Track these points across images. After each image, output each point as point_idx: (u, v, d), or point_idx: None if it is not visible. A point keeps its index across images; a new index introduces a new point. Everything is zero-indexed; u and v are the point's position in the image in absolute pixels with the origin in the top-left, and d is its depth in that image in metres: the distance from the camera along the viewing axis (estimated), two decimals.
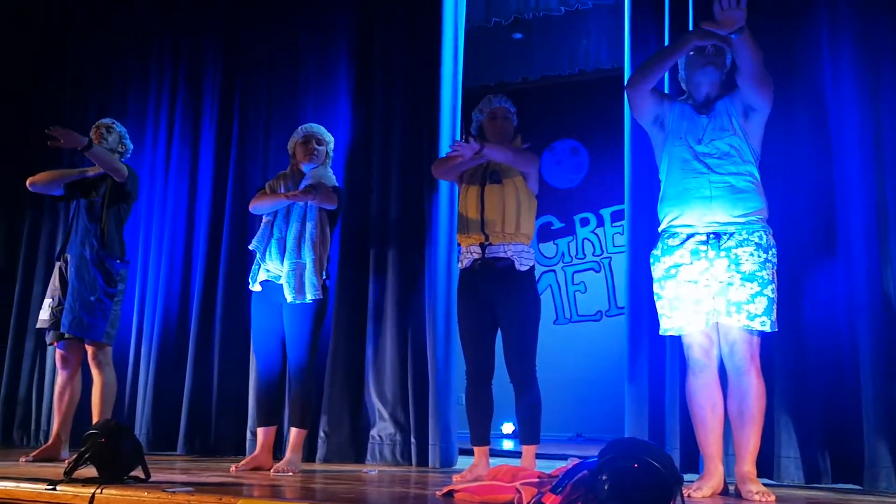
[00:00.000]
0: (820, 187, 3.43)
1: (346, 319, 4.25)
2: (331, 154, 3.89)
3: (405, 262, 4.18)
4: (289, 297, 3.56)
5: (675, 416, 3.49)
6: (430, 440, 3.97)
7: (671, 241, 2.87)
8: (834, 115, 3.44)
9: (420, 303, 4.11)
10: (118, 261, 3.98)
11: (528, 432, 3.30)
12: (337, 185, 3.81)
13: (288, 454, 3.55)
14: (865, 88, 3.38)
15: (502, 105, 3.51)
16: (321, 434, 4.15)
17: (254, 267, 3.71)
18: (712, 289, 2.77)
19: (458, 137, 4.19)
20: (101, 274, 3.91)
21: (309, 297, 3.57)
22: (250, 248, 3.72)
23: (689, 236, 2.83)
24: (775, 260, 2.82)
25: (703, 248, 2.80)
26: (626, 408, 3.72)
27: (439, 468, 3.89)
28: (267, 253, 3.65)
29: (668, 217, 2.90)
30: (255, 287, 3.69)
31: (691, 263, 2.80)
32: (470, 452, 3.42)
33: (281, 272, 3.62)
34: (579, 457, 2.70)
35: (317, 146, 3.78)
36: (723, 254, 2.78)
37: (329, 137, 3.88)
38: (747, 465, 2.74)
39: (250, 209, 3.79)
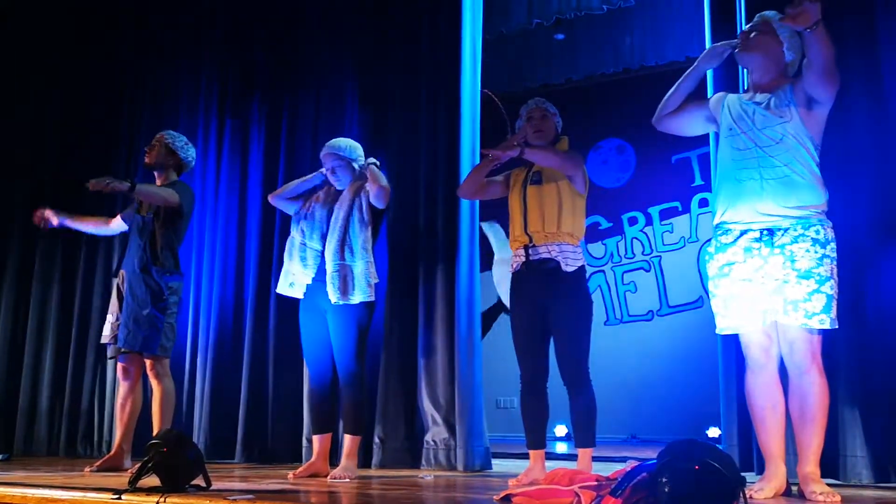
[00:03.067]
0: (881, 177, 3.33)
1: (398, 327, 4.27)
2: (357, 166, 3.82)
3: (450, 270, 4.19)
4: (333, 298, 3.58)
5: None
6: (459, 443, 3.98)
7: (724, 239, 2.81)
8: (892, 103, 3.35)
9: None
10: (168, 274, 4.03)
11: (583, 436, 3.27)
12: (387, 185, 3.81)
13: (343, 461, 3.58)
14: None
15: (538, 105, 3.51)
16: (376, 440, 4.18)
17: (282, 277, 3.76)
18: (768, 287, 2.71)
19: (478, 145, 4.24)
20: (152, 288, 3.96)
21: (358, 298, 3.60)
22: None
23: (743, 233, 2.76)
24: (834, 255, 2.73)
25: (757, 245, 2.74)
26: (722, 406, 3.63)
27: (474, 471, 3.90)
28: (294, 258, 3.70)
29: (720, 211, 2.84)
30: (297, 294, 3.72)
31: (745, 262, 2.74)
32: (508, 455, 3.40)
33: (304, 274, 3.66)
34: (636, 459, 2.67)
35: (333, 173, 3.77)
36: (777, 251, 2.71)
37: (353, 154, 3.82)
38: (810, 465, 2.67)
39: (271, 198, 3.92)
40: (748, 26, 2.94)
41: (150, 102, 5.29)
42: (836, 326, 2.73)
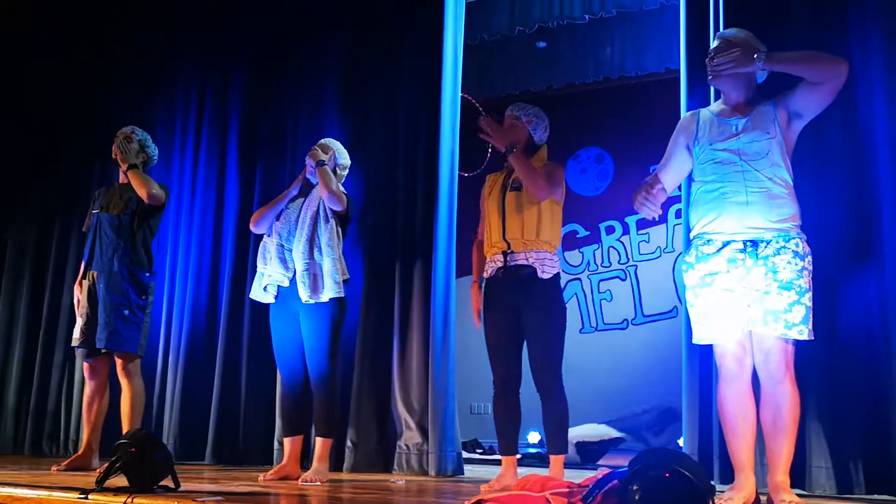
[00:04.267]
0: (853, 192, 3.38)
1: (372, 330, 4.27)
2: (341, 171, 3.88)
3: (426, 275, 4.18)
4: (304, 297, 3.57)
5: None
6: (432, 448, 3.98)
7: (706, 249, 2.80)
8: (865, 117, 3.40)
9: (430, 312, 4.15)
10: (147, 273, 4.02)
11: (555, 442, 3.28)
12: (346, 192, 3.83)
13: (315, 464, 3.55)
14: None
15: (510, 113, 3.52)
16: (348, 443, 4.16)
17: (255, 281, 3.72)
18: (748, 297, 2.73)
19: (457, 152, 4.25)
20: (133, 287, 3.94)
21: (328, 295, 3.58)
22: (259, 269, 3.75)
23: (726, 244, 2.77)
24: (811, 267, 2.76)
25: (741, 256, 2.75)
26: (684, 416, 3.64)
27: (446, 476, 3.90)
28: (268, 259, 3.68)
29: (702, 222, 2.84)
30: (269, 299, 3.70)
31: (728, 272, 2.74)
32: (478, 462, 3.40)
33: (284, 276, 3.64)
34: (609, 466, 2.68)
35: (309, 158, 3.79)
36: (760, 262, 2.73)
37: (339, 159, 3.87)
38: (780, 475, 2.69)
39: (252, 226, 3.82)
40: (711, 50, 2.93)
41: (126, 102, 5.24)
42: (813, 338, 2.76)
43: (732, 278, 2.73)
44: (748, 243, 2.75)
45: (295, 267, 3.64)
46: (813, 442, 3.27)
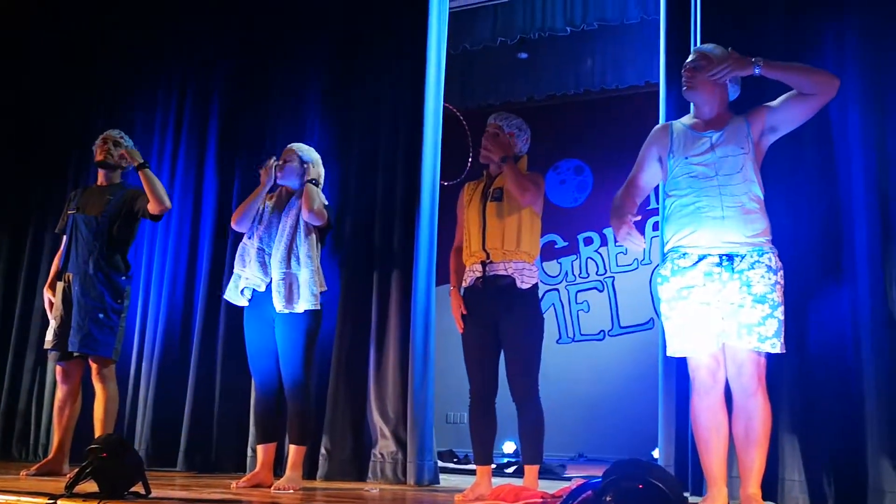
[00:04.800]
0: (826, 205, 3.41)
1: (348, 338, 4.25)
2: (317, 178, 3.85)
3: (406, 283, 4.17)
4: (278, 307, 3.55)
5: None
6: (409, 457, 3.96)
7: (682, 262, 2.81)
8: (838, 134, 3.44)
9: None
10: (123, 277, 3.98)
11: (530, 452, 3.28)
12: (328, 203, 3.83)
13: (288, 471, 3.53)
14: (870, 107, 3.38)
15: (492, 121, 3.52)
16: (322, 451, 4.13)
17: (231, 282, 3.71)
18: (722, 311, 2.75)
19: (438, 160, 4.27)
20: (108, 290, 3.90)
21: (303, 307, 3.57)
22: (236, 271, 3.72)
23: (702, 257, 2.79)
24: (783, 281, 2.80)
25: (718, 270, 2.77)
26: (660, 427, 3.65)
27: (423, 486, 3.89)
28: (247, 261, 3.65)
29: (678, 236, 2.86)
30: (243, 301, 3.68)
31: (704, 285, 2.76)
32: (453, 471, 3.39)
33: (262, 281, 3.61)
34: (582, 477, 2.69)
35: (280, 165, 3.79)
36: (735, 276, 2.76)
37: (310, 157, 3.86)
38: (753, 487, 2.72)
39: (234, 224, 3.80)
40: (688, 62, 2.97)
41: (103, 104, 5.19)
42: (784, 351, 2.79)
43: (709, 292, 2.76)
44: (724, 257, 2.77)
45: (272, 274, 3.62)
46: (786, 454, 3.29)
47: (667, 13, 3.89)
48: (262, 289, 3.63)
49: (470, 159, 6.31)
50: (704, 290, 2.76)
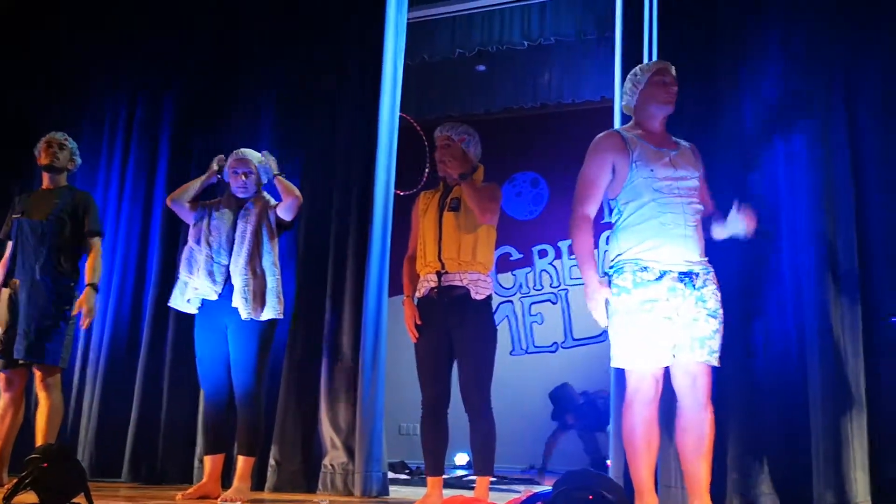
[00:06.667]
0: (774, 222, 3.50)
1: (300, 347, 4.21)
2: (266, 179, 3.84)
3: (359, 292, 4.15)
4: (244, 314, 3.51)
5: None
6: (358, 468, 3.94)
7: (644, 276, 2.79)
8: (783, 146, 3.53)
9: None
10: (72, 283, 3.89)
11: (482, 463, 3.28)
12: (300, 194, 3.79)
13: (236, 482, 3.48)
14: (818, 123, 3.48)
15: (442, 133, 3.50)
16: (272, 462, 4.08)
17: (177, 290, 3.63)
18: (678, 325, 2.78)
19: (393, 170, 4.26)
20: (55, 296, 3.81)
21: (268, 314, 3.54)
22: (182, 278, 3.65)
23: (664, 273, 2.79)
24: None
25: (681, 285, 2.79)
26: (611, 438, 3.67)
27: (372, 497, 3.87)
28: (195, 270, 3.58)
29: (640, 248, 2.82)
30: (191, 309, 3.61)
31: (668, 300, 2.77)
32: (403, 483, 3.37)
33: (212, 290, 3.55)
34: (534, 488, 2.69)
35: (245, 178, 3.74)
36: (695, 292, 2.81)
37: (266, 167, 3.81)
38: (705, 496, 2.76)
39: (169, 201, 3.78)
40: (673, 78, 2.99)
41: (51, 108, 5.06)
42: (720, 365, 2.85)
43: (671, 307, 2.77)
44: (683, 274, 2.81)
45: (232, 282, 3.56)
46: (736, 468, 3.35)
47: (622, 30, 3.95)
48: (214, 297, 3.58)
49: (427, 169, 6.31)
50: (668, 304, 2.77)
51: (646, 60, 3.79)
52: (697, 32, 3.77)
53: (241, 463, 3.52)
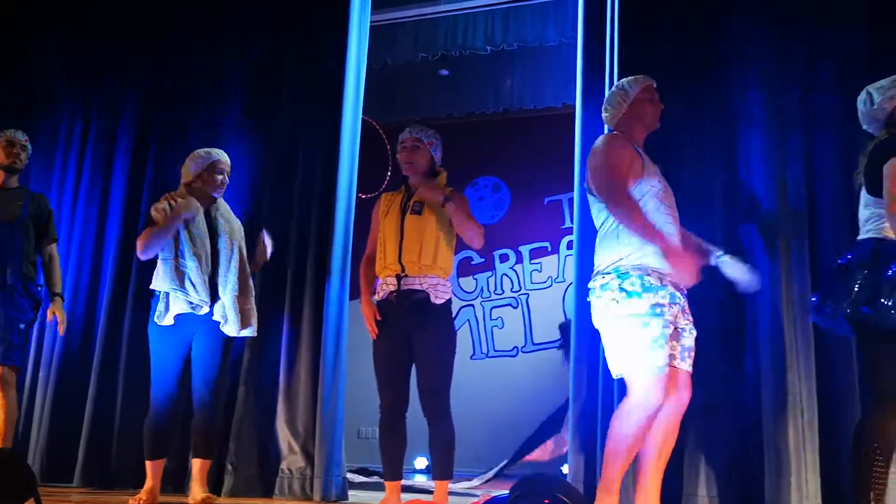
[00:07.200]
0: (733, 234, 3.57)
1: (259, 350, 4.16)
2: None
3: (319, 295, 4.13)
4: (233, 330, 3.49)
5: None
6: (317, 472, 3.92)
7: (652, 280, 2.74)
8: (742, 156, 3.59)
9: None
10: (39, 287, 3.86)
11: (441, 467, 3.27)
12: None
13: (195, 486, 3.43)
14: (773, 132, 3.55)
15: (411, 135, 3.48)
16: (228, 467, 4.03)
17: (160, 305, 3.48)
18: (672, 333, 2.79)
19: (356, 173, 4.25)
20: (27, 300, 3.79)
21: (253, 331, 3.57)
22: (160, 289, 3.49)
23: (664, 281, 2.76)
24: None
25: (679, 295, 2.81)
26: (570, 443, 3.69)
27: (331, 501, 3.85)
28: (188, 284, 3.48)
29: (639, 254, 2.74)
30: (168, 321, 3.49)
31: (669, 307, 2.76)
32: (360, 486, 3.36)
33: (205, 303, 3.48)
34: (491, 493, 2.69)
35: (222, 182, 3.70)
36: (683, 302, 2.85)
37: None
38: (657, 500, 2.81)
39: (141, 253, 3.52)
40: (658, 98, 3.01)
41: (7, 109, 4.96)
42: None
43: (672, 313, 2.78)
44: (673, 285, 2.80)
45: (221, 299, 3.50)
46: (691, 472, 3.41)
47: (584, 37, 3.99)
48: (205, 311, 3.49)
49: (389, 172, 6.30)
50: (670, 311, 2.76)
51: (608, 67, 3.83)
52: (659, 39, 3.81)
53: (200, 466, 3.47)
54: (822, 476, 3.25)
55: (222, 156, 3.72)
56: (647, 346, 2.69)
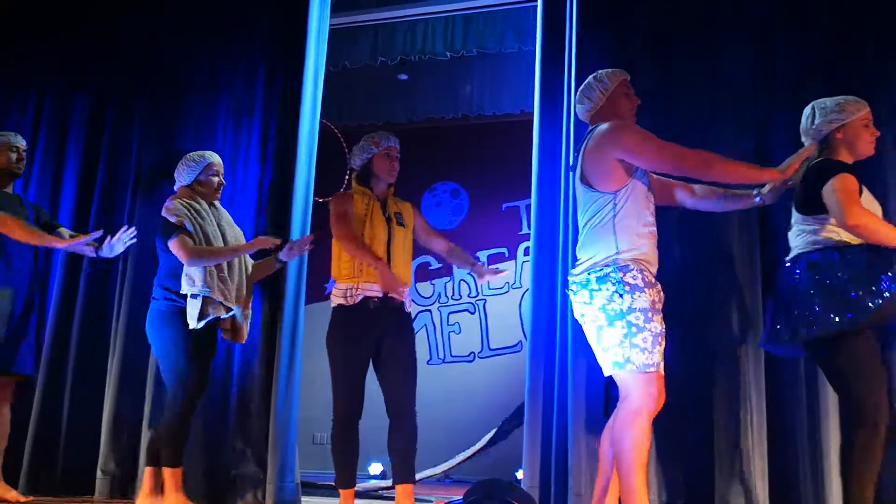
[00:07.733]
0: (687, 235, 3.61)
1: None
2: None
3: (274, 300, 4.09)
4: (243, 338, 3.60)
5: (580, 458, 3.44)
6: (270, 478, 3.88)
7: (648, 277, 2.71)
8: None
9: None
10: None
11: (405, 469, 3.25)
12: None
13: (174, 496, 3.37)
14: (730, 133, 3.61)
15: (397, 146, 3.48)
16: None
17: (195, 308, 3.39)
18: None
19: (313, 177, 4.25)
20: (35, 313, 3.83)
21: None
22: (198, 293, 3.41)
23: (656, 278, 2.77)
24: None
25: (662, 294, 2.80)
26: (524, 449, 3.66)
27: None
28: (222, 286, 3.46)
29: (637, 250, 2.71)
30: (199, 325, 3.41)
31: (661, 304, 2.74)
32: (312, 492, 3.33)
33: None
34: (445, 498, 2.69)
35: (219, 185, 3.72)
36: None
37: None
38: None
39: (192, 261, 3.41)
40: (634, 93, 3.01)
41: None
42: None
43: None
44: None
45: (241, 304, 3.56)
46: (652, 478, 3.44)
47: (542, 44, 4.02)
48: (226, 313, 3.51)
49: (347, 176, 6.26)
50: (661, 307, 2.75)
51: (566, 75, 3.85)
52: (617, 46, 3.85)
53: (172, 475, 3.43)
54: (769, 481, 3.31)
55: (214, 157, 3.69)
56: (650, 343, 2.62)
